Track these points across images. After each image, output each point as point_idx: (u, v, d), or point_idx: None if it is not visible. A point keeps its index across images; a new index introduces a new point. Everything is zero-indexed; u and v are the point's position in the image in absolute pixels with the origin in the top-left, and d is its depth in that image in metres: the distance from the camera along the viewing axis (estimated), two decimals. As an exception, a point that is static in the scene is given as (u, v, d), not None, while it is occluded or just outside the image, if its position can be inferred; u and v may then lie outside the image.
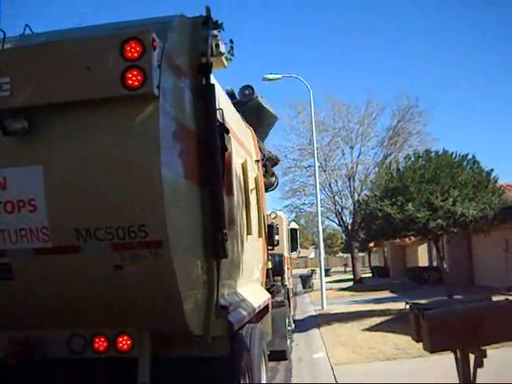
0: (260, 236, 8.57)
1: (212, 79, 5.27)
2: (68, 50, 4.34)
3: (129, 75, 4.13)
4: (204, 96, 5.15)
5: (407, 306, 5.63)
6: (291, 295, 17.14)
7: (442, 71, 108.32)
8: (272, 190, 11.05)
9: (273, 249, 10.97)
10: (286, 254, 15.87)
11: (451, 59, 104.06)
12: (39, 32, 5.38)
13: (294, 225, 19.31)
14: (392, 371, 9.70)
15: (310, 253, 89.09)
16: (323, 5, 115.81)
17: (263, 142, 10.80)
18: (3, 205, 4.39)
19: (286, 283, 14.77)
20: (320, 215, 26.70)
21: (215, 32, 5.41)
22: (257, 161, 8.90)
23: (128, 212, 4.28)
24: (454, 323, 4.91)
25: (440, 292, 20.65)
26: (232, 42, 5.82)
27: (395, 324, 14.85)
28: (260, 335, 6.97)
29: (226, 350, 5.31)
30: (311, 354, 12.65)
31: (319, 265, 25.81)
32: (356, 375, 9.62)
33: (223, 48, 5.62)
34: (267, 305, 8.44)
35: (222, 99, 6.23)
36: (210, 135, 5.10)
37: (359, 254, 48.33)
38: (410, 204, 15.15)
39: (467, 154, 16.37)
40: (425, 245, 38.31)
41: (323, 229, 29.77)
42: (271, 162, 10.98)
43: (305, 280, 39.91)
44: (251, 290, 7.38)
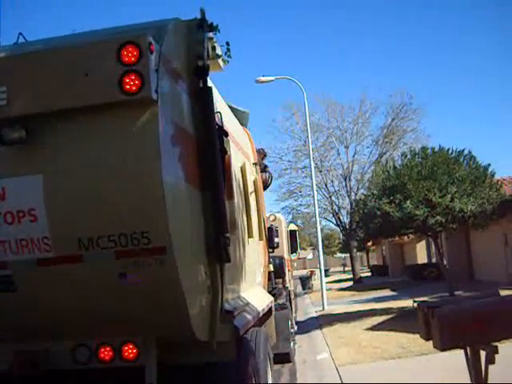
0: (261, 239, 8.54)
1: (209, 82, 5.22)
2: (64, 57, 4.27)
3: (126, 80, 4.06)
4: (202, 99, 5.09)
5: (415, 305, 5.59)
6: (292, 297, 17.11)
7: (436, 67, 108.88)
8: (267, 188, 10.91)
9: (273, 251, 10.95)
10: (287, 256, 15.86)
11: (445, 56, 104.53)
12: (33, 40, 5.32)
13: (293, 226, 19.28)
14: (397, 370, 9.67)
15: (308, 254, 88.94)
16: (317, 5, 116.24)
17: None
18: (3, 216, 4.30)
19: (288, 285, 14.78)
20: (318, 216, 26.69)
21: (211, 34, 5.36)
22: (255, 164, 8.87)
23: (130, 219, 4.20)
24: (465, 320, 4.86)
25: (440, 288, 20.69)
26: (228, 44, 5.78)
27: (397, 322, 14.87)
28: (265, 338, 6.91)
29: (233, 355, 5.25)
30: (315, 356, 12.61)
31: (319, 265, 25.78)
32: (362, 375, 9.58)
33: (219, 50, 5.58)
34: (270, 308, 8.39)
35: (220, 102, 6.18)
36: (210, 138, 5.03)
37: (357, 254, 48.36)
38: (409, 201, 15.16)
39: (463, 150, 16.44)
40: (423, 242, 38.41)
41: (320, 229, 29.68)
42: (259, 156, 10.88)
43: (304, 281, 39.94)
44: (254, 294, 7.33)
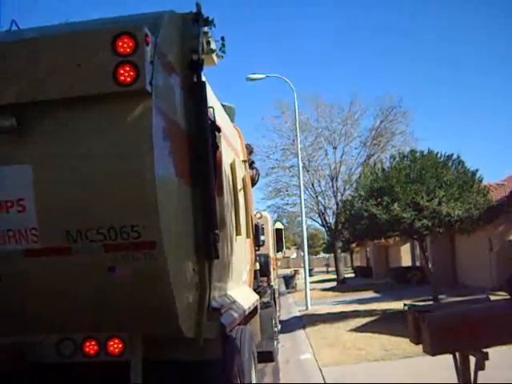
0: (248, 237, 8.49)
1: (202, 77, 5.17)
2: (58, 46, 4.19)
3: (121, 71, 3.99)
4: (195, 94, 5.03)
5: (405, 308, 5.57)
6: (277, 296, 17.09)
7: (426, 70, 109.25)
8: (254, 185, 10.83)
9: (259, 249, 10.91)
10: (272, 255, 15.84)
11: (435, 58, 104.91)
12: (26, 28, 5.23)
13: (280, 225, 19.26)
14: (381, 372, 9.68)
15: (292, 253, 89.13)
16: (307, 3, 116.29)
17: None
18: None
19: (272, 283, 14.73)
20: (304, 215, 26.69)
21: (206, 29, 5.31)
22: (244, 161, 8.83)
23: (120, 212, 4.14)
24: (455, 325, 4.84)
25: (424, 292, 20.80)
26: (223, 39, 5.72)
27: (381, 325, 14.91)
28: (250, 337, 6.88)
29: (218, 353, 5.20)
30: (298, 356, 12.60)
31: (303, 265, 25.81)
32: (345, 376, 9.57)
33: (214, 45, 5.53)
34: (256, 306, 8.36)
35: (212, 97, 6.13)
36: (202, 134, 4.98)
37: (342, 254, 48.47)
38: (396, 204, 15.21)
39: (452, 154, 16.53)
40: (407, 245, 38.58)
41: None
42: (247, 151, 10.81)
43: (288, 280, 40.01)
44: (241, 292, 7.29)
